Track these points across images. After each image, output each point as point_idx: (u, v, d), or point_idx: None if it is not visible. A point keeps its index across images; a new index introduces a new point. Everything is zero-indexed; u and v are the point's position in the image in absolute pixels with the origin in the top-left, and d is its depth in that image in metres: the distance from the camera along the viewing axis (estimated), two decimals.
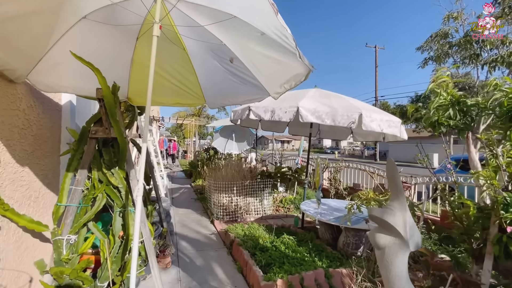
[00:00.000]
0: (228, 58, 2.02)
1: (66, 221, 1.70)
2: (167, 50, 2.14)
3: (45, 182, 1.98)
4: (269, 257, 3.12)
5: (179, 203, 6.60)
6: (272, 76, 1.89)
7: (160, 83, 2.36)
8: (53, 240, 1.63)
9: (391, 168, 1.27)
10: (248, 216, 5.23)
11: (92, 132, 1.79)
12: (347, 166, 7.01)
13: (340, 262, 3.13)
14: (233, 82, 2.19)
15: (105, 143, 1.95)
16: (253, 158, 8.67)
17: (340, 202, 4.51)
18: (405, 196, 1.27)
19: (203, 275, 3.08)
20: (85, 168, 1.77)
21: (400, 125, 3.32)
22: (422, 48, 9.64)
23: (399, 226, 1.20)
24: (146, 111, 1.53)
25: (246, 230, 4.13)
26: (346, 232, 3.46)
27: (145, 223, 1.88)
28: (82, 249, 1.76)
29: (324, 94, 3.72)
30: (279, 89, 1.94)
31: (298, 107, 3.03)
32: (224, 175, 5.52)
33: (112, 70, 2.19)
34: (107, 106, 1.66)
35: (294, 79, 1.65)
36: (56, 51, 1.68)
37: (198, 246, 3.96)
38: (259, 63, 1.86)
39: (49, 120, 2.03)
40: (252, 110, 3.48)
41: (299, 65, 1.50)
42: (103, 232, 1.87)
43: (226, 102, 2.43)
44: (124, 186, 1.86)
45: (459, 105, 2.19)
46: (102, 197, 1.84)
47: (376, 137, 5.15)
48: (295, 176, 5.99)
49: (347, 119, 2.91)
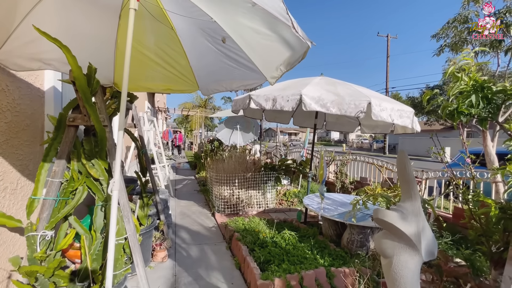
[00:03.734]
0: (220, 37, 1.81)
1: (42, 216, 1.57)
2: (154, 30, 1.94)
3: (25, 173, 1.86)
4: (268, 254, 2.97)
5: (182, 195, 6.53)
6: (267, 57, 1.68)
7: (149, 66, 2.18)
8: (26, 237, 1.50)
9: (403, 161, 1.06)
10: (250, 209, 5.10)
11: (70, 120, 1.64)
12: (354, 159, 6.74)
13: (343, 261, 2.95)
14: (226, 65, 1.99)
15: (87, 132, 1.80)
16: (257, 150, 8.49)
17: (346, 196, 4.30)
18: (419, 195, 1.06)
19: (200, 271, 2.97)
20: (63, 158, 1.63)
21: (412, 115, 3.04)
22: (437, 36, 9.09)
23: (411, 233, 1.00)
24: (122, 94, 1.35)
25: (247, 224, 4.00)
26: (350, 229, 3.26)
27: (129, 218, 1.74)
28: (61, 246, 1.63)
29: (329, 81, 3.46)
30: (276, 72, 1.72)
31: (301, 94, 2.80)
32: (226, 167, 5.37)
33: (96, 53, 2.02)
34: (80, 89, 1.49)
35: (291, 58, 1.43)
36: (26, 28, 1.51)
37: (197, 239, 3.86)
38: (253, 42, 1.64)
39: (28, 107, 1.88)
40: (252, 98, 3.27)
41: (295, 41, 1.28)
42: (85, 228, 1.74)
43: (220, 88, 2.23)
44: (106, 178, 1.71)
45: (482, 92, 1.93)
46: (83, 190, 1.70)
47: (384, 129, 4.87)
48: (300, 168, 5.79)
49: (354, 108, 2.67)
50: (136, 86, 2.34)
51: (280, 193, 5.84)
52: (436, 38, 9.10)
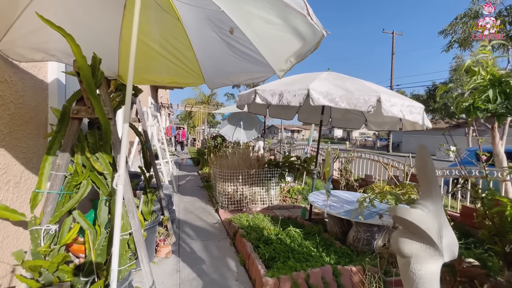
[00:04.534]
0: (227, 28, 1.75)
1: (45, 210, 1.54)
2: (160, 20, 1.89)
3: (29, 166, 1.83)
4: (273, 251, 2.93)
5: (185, 191, 6.51)
6: (277, 48, 1.61)
7: (154, 59, 2.13)
8: (29, 230, 1.47)
9: (423, 157, 1.00)
10: (254, 205, 5.07)
11: (74, 112, 1.60)
12: (359, 157, 6.67)
13: (349, 259, 2.91)
14: (234, 57, 1.93)
15: (91, 125, 1.76)
16: (261, 147, 8.44)
17: (352, 194, 4.25)
18: (440, 192, 1.00)
19: (204, 267, 2.95)
20: (66, 151, 1.59)
21: (423, 111, 2.96)
22: (445, 32, 8.93)
23: (431, 231, 0.94)
24: (127, 87, 1.30)
25: (251, 220, 3.96)
26: (357, 226, 3.21)
27: (134, 213, 1.70)
28: (66, 240, 1.61)
29: (337, 76, 3.38)
30: (285, 64, 1.66)
31: (308, 89, 2.73)
32: (230, 164, 5.33)
33: (100, 44, 1.97)
34: (84, 80, 1.44)
35: (302, 49, 1.37)
36: (29, 16, 1.46)
37: (201, 235, 3.83)
38: (262, 33, 1.58)
39: (31, 99, 1.85)
40: (258, 93, 3.21)
41: (308, 30, 1.22)
42: (89, 222, 1.71)
43: (227, 82, 2.18)
44: (110, 172, 1.67)
45: (500, 86, 1.85)
46: (87, 184, 1.67)
47: (392, 126, 4.79)
48: (304, 165, 5.73)
49: (364, 102, 2.59)
50: (141, 79, 2.29)
51: (284, 190, 5.80)
52: (444, 34, 8.93)
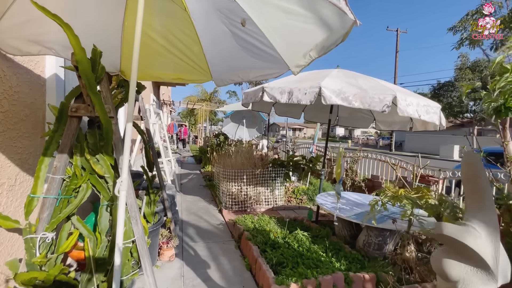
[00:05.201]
0: (238, 20, 1.61)
1: (42, 216, 1.42)
2: (165, 12, 1.75)
3: (24, 168, 1.71)
4: (281, 255, 2.81)
5: (188, 190, 6.40)
6: (295, 42, 1.47)
7: (158, 53, 1.99)
8: (24, 239, 1.36)
9: (473, 164, 0.86)
10: (258, 206, 4.95)
11: (72, 110, 1.47)
12: (366, 156, 6.53)
13: (360, 265, 2.78)
14: (244, 52, 1.79)
15: (91, 124, 1.64)
16: (264, 146, 8.31)
17: (361, 196, 4.12)
18: (495, 207, 0.86)
19: (209, 271, 2.83)
20: (65, 152, 1.47)
21: (439, 111, 2.82)
22: (454, 29, 8.73)
23: (486, 254, 0.81)
24: (131, 83, 1.18)
25: (256, 222, 3.84)
26: (368, 231, 3.08)
27: (137, 219, 1.58)
28: (64, 248, 1.49)
29: (349, 74, 3.23)
30: (302, 60, 1.52)
31: (320, 87, 2.59)
32: (234, 163, 5.21)
33: (101, 36, 1.83)
34: (83, 74, 1.31)
35: (326, 41, 1.22)
36: (23, 4, 1.33)
37: (205, 237, 3.72)
38: (279, 25, 1.44)
39: (27, 95, 1.72)
40: (266, 91, 3.07)
41: (335, 19, 1.07)
42: (89, 228, 1.59)
43: (236, 78, 2.04)
44: (112, 175, 1.55)
45: None
46: (87, 187, 1.54)
47: (403, 126, 4.64)
48: (310, 165, 5.59)
49: (379, 102, 2.46)
50: (144, 75, 2.16)
51: (288, 190, 5.68)
52: (453, 31, 8.73)
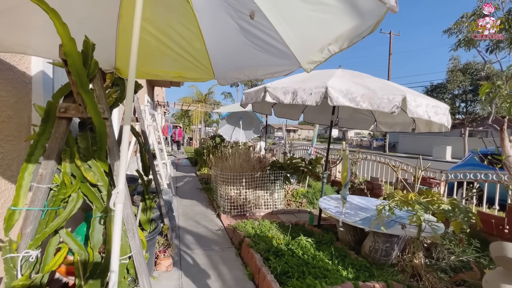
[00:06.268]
0: (247, 12, 1.47)
1: (24, 231, 1.24)
2: (166, 4, 1.60)
3: (6, 175, 1.52)
4: (285, 264, 2.67)
5: (184, 193, 6.21)
6: (311, 35, 1.34)
7: (157, 49, 1.83)
8: (3, 259, 1.18)
9: None
10: (257, 210, 4.80)
11: (61, 110, 1.30)
12: (365, 158, 6.45)
13: (368, 272, 2.66)
14: (251, 47, 1.65)
15: (82, 126, 1.47)
16: (262, 147, 8.17)
17: (364, 199, 4.01)
18: None
19: (209, 282, 2.66)
20: (52, 158, 1.30)
21: (448, 112, 2.74)
22: (450, 31, 8.78)
23: None
24: (129, 81, 1.02)
25: (257, 228, 3.70)
26: (374, 236, 2.97)
27: (134, 232, 1.41)
28: (50, 267, 1.31)
29: (354, 74, 3.13)
30: (319, 55, 1.38)
31: (326, 87, 2.47)
32: (232, 165, 5.05)
33: (94, 30, 1.67)
34: (73, 70, 1.15)
35: (353, 31, 1.05)
36: None
37: (203, 244, 3.55)
38: (293, 16, 1.31)
39: (10, 94, 1.54)
40: (268, 91, 2.94)
41: (368, 4, 0.92)
42: (80, 243, 1.42)
43: (241, 77, 1.90)
44: (106, 183, 1.39)
45: None
46: (77, 197, 1.38)
47: (404, 127, 4.57)
48: (309, 168, 5.48)
49: (388, 102, 2.35)
50: (141, 73, 1.99)
51: (288, 193, 5.54)
52: (449, 33, 8.78)
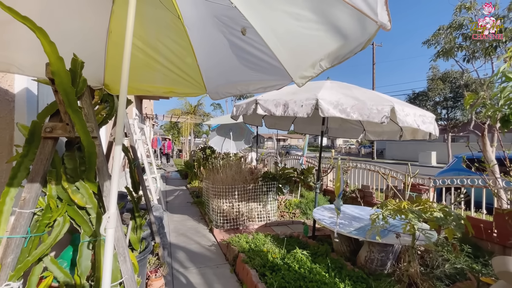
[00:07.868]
0: (238, 28, 1.49)
1: (5, 261, 1.15)
2: (156, 19, 1.59)
3: None
4: (282, 279, 2.61)
5: (174, 208, 6.05)
6: (302, 51, 1.36)
7: (147, 65, 1.81)
8: None
9: None
10: (251, 223, 4.72)
11: (47, 130, 1.24)
12: (355, 167, 6.53)
13: (366, 284, 2.64)
14: (243, 63, 1.66)
15: (69, 145, 1.41)
16: (253, 158, 8.14)
17: (357, 208, 4.03)
18: None
19: None
20: (36, 181, 1.23)
21: (434, 120, 2.83)
22: (429, 42, 9.24)
23: None
24: (120, 97, 0.99)
25: (251, 242, 3.62)
26: (370, 246, 2.96)
27: (125, 256, 1.34)
28: None
29: (343, 85, 3.20)
30: (310, 70, 1.40)
31: (317, 99, 2.51)
32: (224, 178, 4.98)
33: (81, 46, 1.63)
34: (61, 89, 1.11)
35: (340, 51, 1.10)
36: None
37: (196, 261, 3.43)
38: (285, 33, 1.33)
39: None
40: (260, 104, 2.95)
41: (355, 24, 0.94)
42: (66, 270, 1.33)
43: (234, 91, 1.90)
44: (95, 206, 1.32)
45: None
46: (64, 221, 1.30)
47: (392, 136, 4.68)
48: (301, 178, 5.49)
49: (377, 113, 2.41)
50: (131, 89, 1.96)
51: (281, 204, 5.50)
52: (427, 45, 9.23)
